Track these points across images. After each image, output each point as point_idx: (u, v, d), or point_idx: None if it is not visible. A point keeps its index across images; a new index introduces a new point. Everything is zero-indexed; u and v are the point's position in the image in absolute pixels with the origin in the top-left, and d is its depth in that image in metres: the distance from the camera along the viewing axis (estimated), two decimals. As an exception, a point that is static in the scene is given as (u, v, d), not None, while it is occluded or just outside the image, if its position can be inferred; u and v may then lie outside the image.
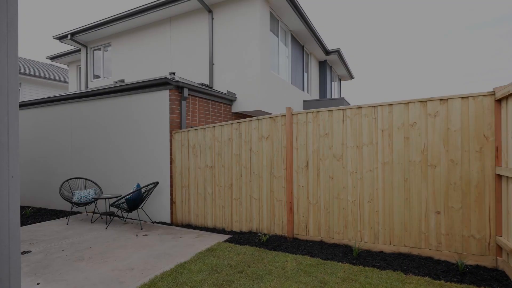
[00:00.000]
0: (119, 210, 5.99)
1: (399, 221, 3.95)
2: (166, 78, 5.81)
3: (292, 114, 4.66)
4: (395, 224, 3.97)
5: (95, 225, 5.67)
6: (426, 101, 3.82)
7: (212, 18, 8.26)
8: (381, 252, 4.02)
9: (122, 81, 9.87)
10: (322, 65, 13.95)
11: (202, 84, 7.79)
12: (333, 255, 3.92)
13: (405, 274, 3.31)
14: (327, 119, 4.42)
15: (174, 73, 6.93)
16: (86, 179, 6.59)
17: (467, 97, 3.60)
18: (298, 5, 8.71)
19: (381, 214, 4.05)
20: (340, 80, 18.08)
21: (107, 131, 6.66)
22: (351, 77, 18.03)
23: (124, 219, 6.11)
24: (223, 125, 5.31)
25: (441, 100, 3.74)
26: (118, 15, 9.34)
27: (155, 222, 5.91)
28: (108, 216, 6.17)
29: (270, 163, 4.86)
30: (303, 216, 4.59)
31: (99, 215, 6.46)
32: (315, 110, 4.50)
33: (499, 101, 3.42)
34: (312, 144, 4.53)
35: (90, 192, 6.21)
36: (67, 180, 6.41)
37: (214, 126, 5.42)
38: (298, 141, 4.63)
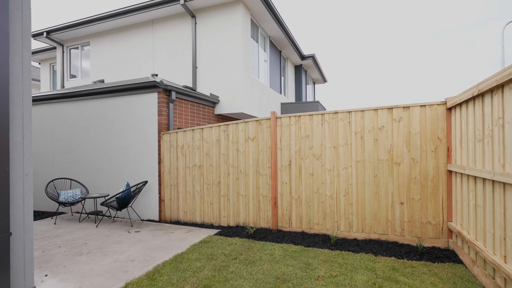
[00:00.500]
0: (108, 210, 6.12)
1: (370, 212, 4.55)
2: (154, 81, 6.05)
3: (277, 118, 5.14)
4: (367, 215, 4.57)
5: (83, 224, 5.78)
6: (392, 108, 4.45)
7: (196, 23, 8.54)
8: (355, 239, 4.60)
9: (102, 81, 9.83)
10: (298, 69, 14.64)
11: (186, 87, 8.05)
12: (314, 243, 4.43)
13: (375, 256, 3.90)
14: (308, 123, 4.94)
15: (156, 75, 7.15)
16: (72, 180, 6.62)
17: (425, 105, 4.28)
18: (277, 13, 9.23)
19: (355, 206, 4.64)
20: (314, 83, 18.94)
21: (93, 132, 6.74)
22: (325, 80, 18.96)
23: (112, 218, 6.25)
24: (211, 127, 5.67)
25: (404, 107, 4.39)
26: (98, 16, 9.31)
27: (144, 220, 6.12)
28: (96, 215, 6.27)
29: (256, 162, 5.30)
30: (286, 210, 5.08)
31: (86, 214, 6.53)
32: (297, 114, 5.00)
33: (449, 109, 4.11)
34: (294, 145, 5.03)
35: (77, 192, 6.28)
36: (52, 181, 6.41)
37: (202, 128, 5.76)
38: (282, 142, 5.11)
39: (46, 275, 3.31)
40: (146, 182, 5.95)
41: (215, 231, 5.20)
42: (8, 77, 2.65)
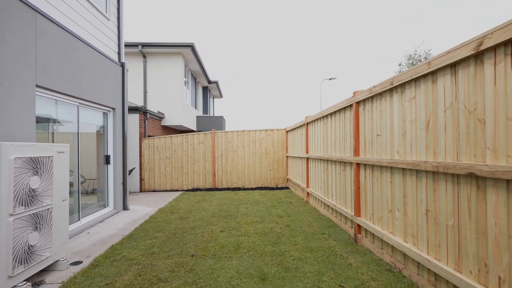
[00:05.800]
0: (105, 186, 9.67)
1: (258, 175, 10.29)
2: (137, 106, 10.03)
3: (215, 132, 10.23)
4: (257, 176, 10.28)
5: (93, 195, 9.23)
6: (267, 130, 10.32)
7: (146, 61, 12.47)
8: (252, 188, 10.23)
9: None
10: (205, 89, 19.71)
11: (143, 106, 11.93)
12: (235, 190, 9.80)
13: (261, 191, 9.61)
14: (231, 135, 10.27)
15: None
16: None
17: (279, 129, 10.34)
18: (200, 58, 14.12)
19: (252, 174, 10.28)
20: (214, 98, 24.34)
21: (85, 137, 9.98)
22: (221, 96, 24.66)
23: (107, 192, 9.81)
24: (177, 136, 10.22)
25: (271, 130, 10.33)
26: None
27: (130, 192, 10.00)
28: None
29: (204, 155, 10.23)
30: (220, 178, 10.25)
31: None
32: (225, 130, 10.26)
33: (287, 131, 10.28)
34: (224, 145, 10.26)
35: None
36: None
37: (171, 136, 10.22)
38: (218, 144, 10.25)
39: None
40: (135, 167, 9.89)
41: (183, 191, 9.85)
42: (124, 122, 6.87)
